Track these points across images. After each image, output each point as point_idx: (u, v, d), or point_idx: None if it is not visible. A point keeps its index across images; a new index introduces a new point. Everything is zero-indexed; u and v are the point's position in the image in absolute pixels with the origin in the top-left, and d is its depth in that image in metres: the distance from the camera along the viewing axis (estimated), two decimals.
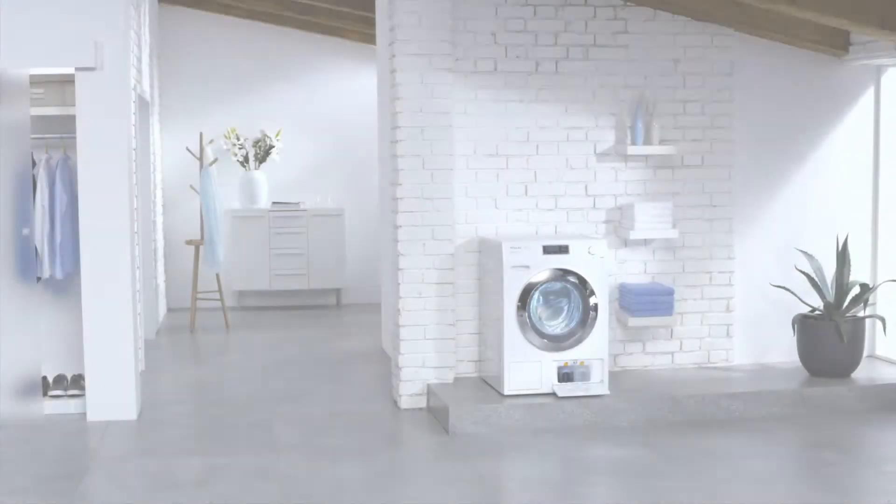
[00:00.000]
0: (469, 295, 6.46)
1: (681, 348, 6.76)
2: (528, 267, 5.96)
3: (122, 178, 6.07)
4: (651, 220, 6.46)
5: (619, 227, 6.60)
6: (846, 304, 6.45)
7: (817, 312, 6.56)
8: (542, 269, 5.97)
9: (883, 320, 6.44)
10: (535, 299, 6.03)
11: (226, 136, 10.64)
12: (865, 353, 6.71)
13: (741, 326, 6.85)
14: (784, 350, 6.90)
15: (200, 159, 9.62)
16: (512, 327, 5.96)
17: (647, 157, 6.62)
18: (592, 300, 6.03)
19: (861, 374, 6.47)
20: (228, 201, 10.69)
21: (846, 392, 6.19)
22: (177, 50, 10.66)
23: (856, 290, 6.58)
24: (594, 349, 6.06)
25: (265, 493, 4.74)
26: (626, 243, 6.64)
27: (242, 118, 10.80)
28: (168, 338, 9.07)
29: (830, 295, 6.52)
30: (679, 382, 6.33)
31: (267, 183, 10.77)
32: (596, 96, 6.56)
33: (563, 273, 5.99)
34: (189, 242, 9.63)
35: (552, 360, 6.01)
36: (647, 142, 6.56)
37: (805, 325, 6.44)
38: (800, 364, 6.74)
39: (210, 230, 9.35)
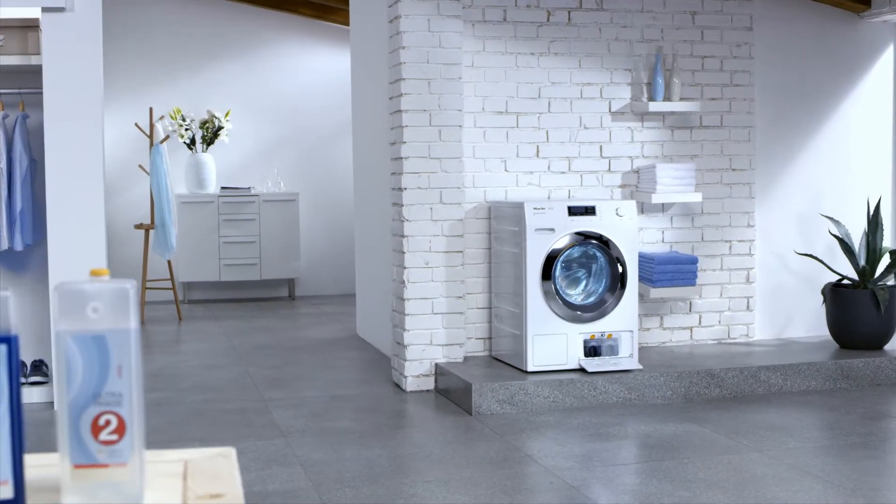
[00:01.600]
0: (477, 266, 5.89)
1: (700, 323, 6.28)
2: (552, 230, 5.42)
3: (94, 135, 5.37)
4: (673, 183, 5.98)
5: (636, 191, 6.10)
6: (881, 271, 6.05)
7: (846, 281, 6.15)
8: (567, 233, 5.43)
9: None
10: (560, 266, 5.49)
11: (171, 117, 9.88)
12: None
13: (762, 299, 6.41)
14: (806, 323, 6.48)
15: (151, 136, 8.88)
16: (535, 297, 5.41)
17: (664, 116, 6.15)
18: (620, 267, 5.51)
19: (889, 347, 6.07)
20: (174, 186, 9.93)
21: (886, 364, 5.79)
22: (117, 24, 9.88)
23: (886, 258, 6.20)
24: (623, 320, 5.54)
25: (291, 477, 4.10)
26: (642, 209, 6.15)
27: (188, 98, 10.06)
28: None
29: (861, 262, 6.12)
30: (708, 357, 5.86)
31: (215, 167, 10.04)
32: (611, 50, 6.07)
33: (591, 237, 5.46)
34: (139, 227, 8.88)
35: (578, 333, 5.47)
36: (668, 98, 6.08)
37: (837, 295, 6.02)
38: (824, 337, 6.34)
39: (162, 213, 8.60)
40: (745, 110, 6.30)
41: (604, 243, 5.48)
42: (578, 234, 5.45)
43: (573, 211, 5.45)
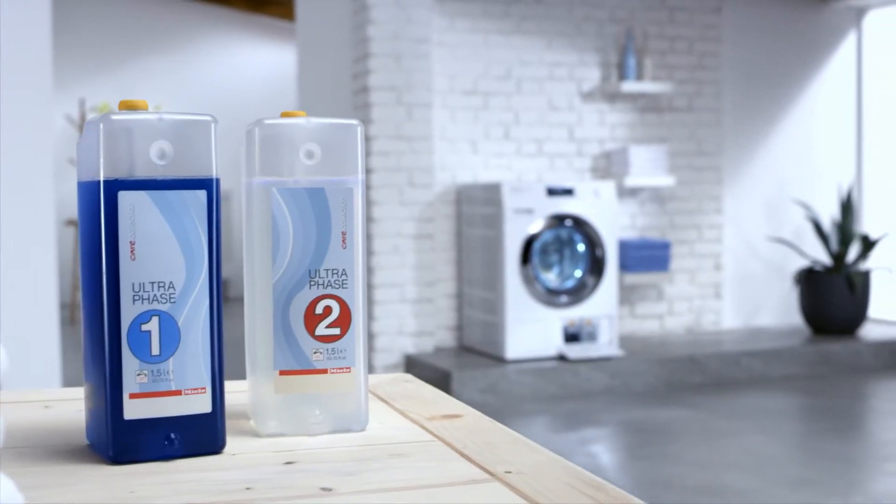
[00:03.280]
0: (445, 252, 5.63)
1: (670, 311, 6.11)
2: (531, 211, 5.18)
3: (44, 108, 4.95)
4: (646, 166, 5.80)
5: (607, 174, 5.91)
6: (856, 255, 5.96)
7: (819, 266, 6.05)
8: (545, 215, 5.20)
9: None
10: (539, 249, 5.26)
11: (100, 111, 9.41)
12: None
13: (731, 286, 6.27)
14: (774, 310, 6.36)
15: (82, 129, 8.41)
16: (514, 282, 5.16)
17: (634, 98, 5.97)
18: (600, 249, 5.30)
19: (862, 333, 5.97)
20: None
21: (864, 349, 5.68)
22: None
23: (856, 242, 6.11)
24: (602, 305, 5.32)
25: None
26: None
27: (119, 91, 9.60)
28: None
29: (834, 247, 6.02)
30: (685, 344, 5.69)
31: None
32: (580, 30, 5.87)
33: (570, 219, 5.24)
34: (70, 223, 8.40)
35: (558, 319, 5.24)
36: (639, 79, 5.90)
37: (811, 280, 5.91)
38: (793, 324, 6.23)
39: None
40: (713, 93, 6.16)
41: (583, 225, 5.27)
42: (557, 216, 5.23)
43: (552, 192, 5.22)
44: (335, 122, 0.79)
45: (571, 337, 5.27)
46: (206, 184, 0.72)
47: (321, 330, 0.78)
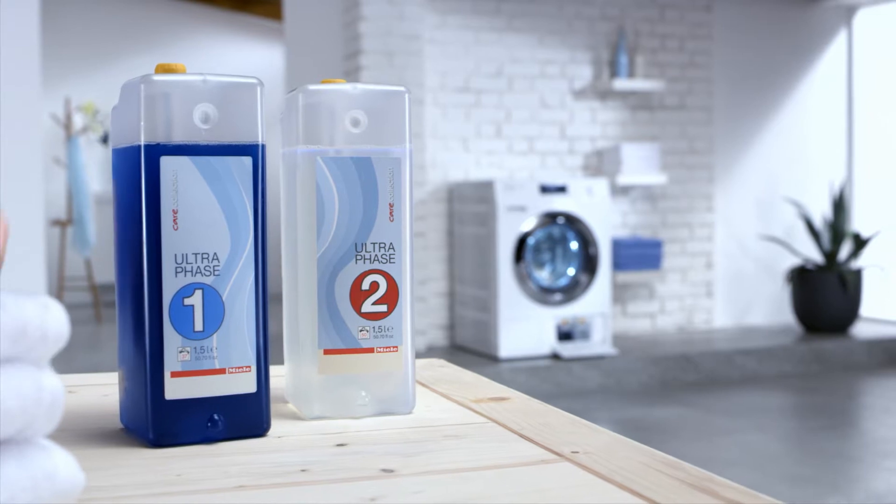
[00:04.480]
0: (436, 250, 5.59)
1: (661, 309, 6.09)
2: (524, 209, 5.15)
3: (32, 107, 4.89)
4: (638, 164, 5.78)
5: (598, 172, 5.88)
6: (848, 253, 5.95)
7: (810, 264, 6.04)
8: (538, 212, 5.16)
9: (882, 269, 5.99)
10: (532, 247, 5.23)
11: (85, 110, 9.32)
12: None
13: (722, 284, 6.25)
14: (765, 309, 6.34)
15: (68, 128, 8.33)
16: (507, 281, 5.12)
17: (626, 96, 5.95)
18: (593, 247, 5.27)
19: (854, 331, 5.96)
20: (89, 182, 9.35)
21: (856, 347, 5.67)
22: None
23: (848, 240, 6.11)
24: (596, 303, 5.29)
25: None
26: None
27: (105, 90, 9.52)
28: None
29: (826, 245, 6.01)
30: (678, 342, 5.67)
31: None
32: (572, 27, 5.84)
33: (563, 217, 5.21)
34: (55, 223, 8.31)
35: (551, 317, 5.21)
36: (631, 77, 5.88)
37: (804, 278, 5.89)
38: (785, 323, 6.22)
39: (80, 208, 8.08)
40: (705, 91, 6.14)
41: (576, 223, 5.24)
42: (550, 213, 5.19)
43: (546, 189, 5.19)
44: (382, 88, 0.75)
45: (565, 335, 5.24)
46: (251, 150, 0.68)
47: (367, 307, 0.74)
